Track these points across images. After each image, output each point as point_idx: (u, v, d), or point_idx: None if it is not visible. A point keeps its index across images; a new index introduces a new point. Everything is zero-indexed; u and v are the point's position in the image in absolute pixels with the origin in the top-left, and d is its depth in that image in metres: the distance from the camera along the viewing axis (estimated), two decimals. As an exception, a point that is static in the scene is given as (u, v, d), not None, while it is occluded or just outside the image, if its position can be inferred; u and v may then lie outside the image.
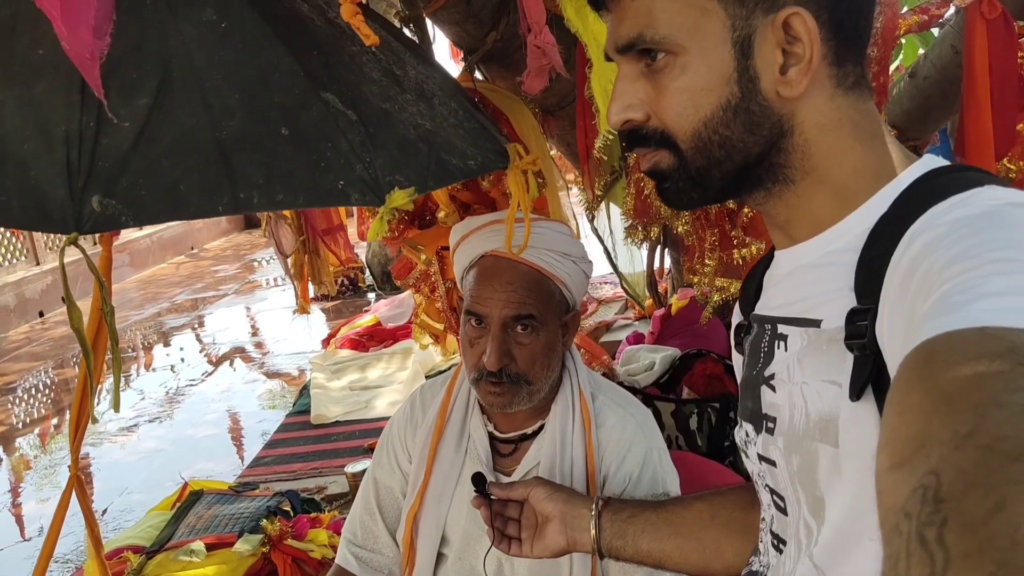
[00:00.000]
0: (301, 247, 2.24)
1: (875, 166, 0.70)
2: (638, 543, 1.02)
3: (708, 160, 0.70)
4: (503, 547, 1.12)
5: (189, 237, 11.27)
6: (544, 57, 1.33)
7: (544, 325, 1.25)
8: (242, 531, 2.36)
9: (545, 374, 1.27)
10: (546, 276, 1.27)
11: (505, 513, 1.13)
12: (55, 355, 6.59)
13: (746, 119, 0.69)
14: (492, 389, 1.25)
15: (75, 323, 0.91)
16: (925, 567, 0.33)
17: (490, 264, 1.28)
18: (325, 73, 1.17)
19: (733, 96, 0.68)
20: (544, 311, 1.25)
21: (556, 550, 1.08)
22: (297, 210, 2.30)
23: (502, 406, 1.27)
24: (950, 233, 0.55)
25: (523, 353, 1.24)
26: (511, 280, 1.24)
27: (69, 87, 1.04)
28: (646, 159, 0.74)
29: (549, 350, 1.27)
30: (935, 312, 0.48)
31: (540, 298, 1.26)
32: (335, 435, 4.17)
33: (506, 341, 1.24)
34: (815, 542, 0.71)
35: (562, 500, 1.08)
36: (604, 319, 3.95)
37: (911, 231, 0.60)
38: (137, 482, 3.99)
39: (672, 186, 0.74)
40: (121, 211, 0.96)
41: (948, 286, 0.50)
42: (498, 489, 1.13)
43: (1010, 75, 1.52)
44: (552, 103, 2.20)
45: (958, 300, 0.47)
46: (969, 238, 0.53)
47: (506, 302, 1.23)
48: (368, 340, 5.21)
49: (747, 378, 0.83)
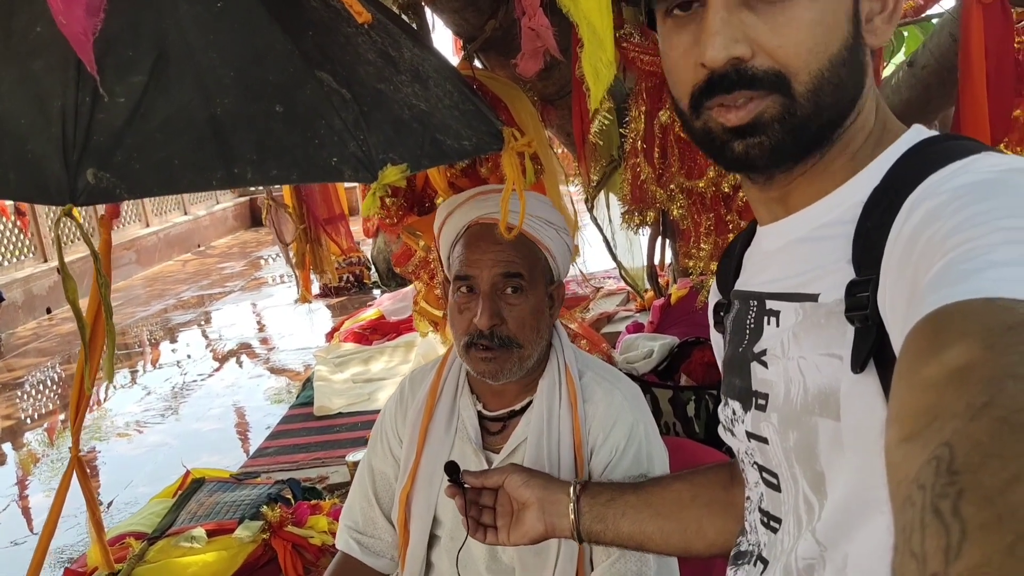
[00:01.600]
0: (302, 235, 2.26)
1: (878, 132, 0.70)
2: (618, 526, 1.02)
3: (817, 107, 0.65)
4: (479, 536, 1.11)
5: (196, 235, 11.32)
6: (538, 39, 1.33)
7: (532, 287, 1.27)
8: (243, 518, 2.38)
9: (534, 338, 1.28)
10: (532, 240, 1.29)
11: (480, 501, 1.12)
12: (62, 351, 6.63)
13: (854, 63, 0.66)
14: (483, 355, 1.26)
15: (70, 295, 0.93)
16: (940, 538, 0.32)
17: (477, 231, 1.30)
18: (320, 53, 1.19)
19: (850, 35, 0.65)
20: (531, 273, 1.28)
21: (535, 536, 1.07)
22: (298, 199, 2.31)
23: (493, 373, 1.27)
24: (952, 200, 0.54)
25: (513, 315, 1.26)
26: (498, 241, 1.26)
27: (66, 64, 1.05)
28: (747, 109, 0.66)
29: (538, 314, 1.28)
30: (941, 282, 0.48)
31: (528, 259, 1.28)
32: (338, 426, 4.19)
33: (496, 302, 1.25)
34: (818, 518, 0.70)
35: (539, 486, 1.07)
36: (606, 310, 3.96)
37: (910, 200, 0.60)
38: (142, 475, 4.02)
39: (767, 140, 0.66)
40: (115, 184, 0.98)
41: (953, 254, 0.49)
42: (472, 477, 1.12)
43: (1006, 60, 1.53)
44: (551, 92, 2.20)
45: (964, 269, 0.47)
46: (972, 205, 0.52)
47: (495, 261, 1.26)
48: (372, 333, 5.23)
49: (732, 356, 0.82)
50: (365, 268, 7.65)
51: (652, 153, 1.59)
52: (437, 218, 1.41)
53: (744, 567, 0.84)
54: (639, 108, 1.62)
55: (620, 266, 2.40)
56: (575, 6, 1.12)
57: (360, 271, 7.55)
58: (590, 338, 2.45)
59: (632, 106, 1.63)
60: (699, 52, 0.66)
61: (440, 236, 1.40)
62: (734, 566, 0.86)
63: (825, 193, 0.71)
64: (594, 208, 2.24)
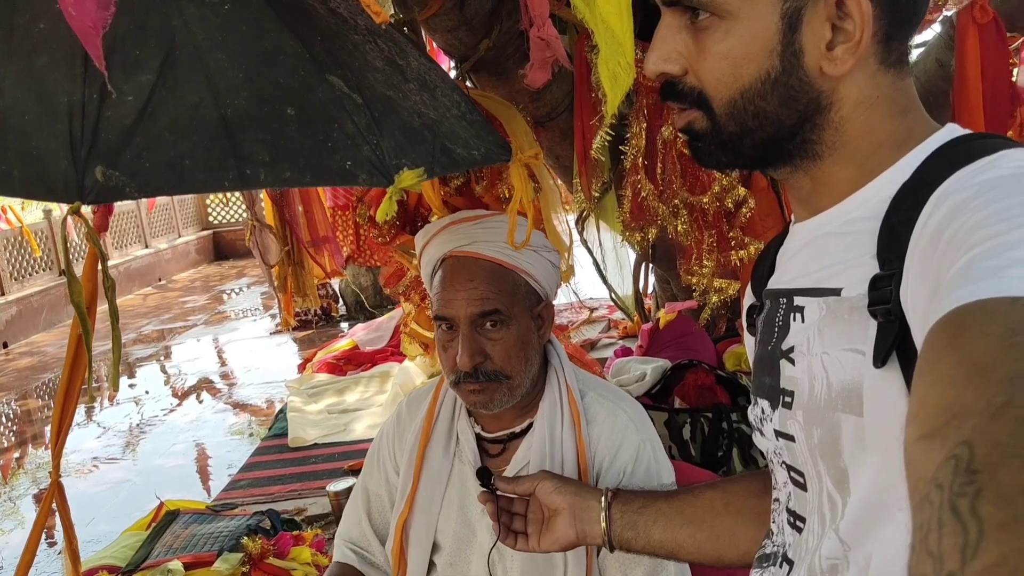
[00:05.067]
0: (286, 258, 2.21)
1: (902, 138, 0.69)
2: (650, 534, 1.00)
3: (741, 128, 0.69)
4: (509, 542, 1.09)
5: (157, 268, 11.12)
6: (548, 49, 1.33)
7: (513, 318, 1.24)
8: (221, 550, 2.29)
9: (523, 368, 1.25)
10: (508, 268, 1.25)
11: (511, 508, 1.11)
12: (19, 386, 6.42)
13: (784, 93, 0.67)
14: (471, 388, 1.23)
15: (75, 298, 0.88)
16: (958, 537, 0.32)
17: (451, 265, 1.27)
18: (329, 58, 1.17)
19: (773, 69, 0.66)
20: (511, 303, 1.24)
21: (565, 543, 1.06)
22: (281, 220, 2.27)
23: (484, 404, 1.24)
24: (978, 196, 0.54)
25: (496, 349, 1.23)
26: (471, 277, 1.23)
27: (71, 60, 1.02)
28: (680, 116, 0.73)
29: (523, 343, 1.25)
30: (964, 278, 0.47)
31: (504, 291, 1.24)
32: (314, 457, 4.10)
33: (476, 340, 1.22)
34: (841, 516, 0.69)
35: (571, 492, 1.06)
36: (588, 338, 3.94)
37: (937, 194, 0.59)
38: (104, 512, 3.88)
39: (704, 147, 0.73)
40: (125, 183, 0.94)
41: (977, 250, 0.49)
42: (503, 483, 1.10)
43: (1002, 79, 1.55)
44: (542, 114, 2.20)
45: (989, 266, 0.46)
46: (998, 201, 0.52)
47: (469, 300, 1.22)
48: (346, 364, 5.15)
49: (762, 354, 0.81)
50: (333, 301, 7.56)
51: (654, 169, 1.59)
52: (416, 245, 1.38)
53: (769, 569, 0.82)
54: (640, 125, 1.62)
55: (611, 289, 2.39)
56: (590, 10, 1.10)
57: (328, 304, 7.45)
58: (582, 360, 2.42)
59: (633, 123, 1.63)
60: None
61: (420, 265, 1.38)
62: (759, 568, 0.85)
63: (842, 198, 0.71)
64: (584, 231, 2.24)
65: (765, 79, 0.67)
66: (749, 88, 0.67)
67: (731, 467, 2.12)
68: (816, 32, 0.65)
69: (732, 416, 2.12)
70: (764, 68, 0.66)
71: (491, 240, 1.25)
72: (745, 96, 0.68)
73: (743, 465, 2.12)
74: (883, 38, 0.67)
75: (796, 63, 0.66)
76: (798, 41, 0.66)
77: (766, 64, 0.66)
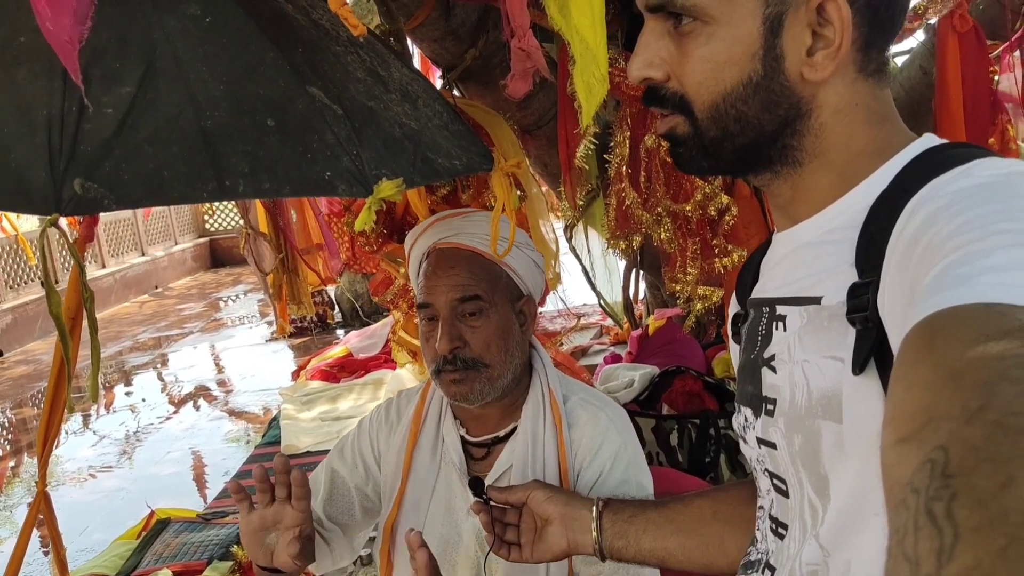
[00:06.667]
0: (280, 265, 2.21)
1: (880, 147, 0.70)
2: (640, 543, 1.01)
3: (722, 132, 0.70)
4: (502, 553, 1.10)
5: (153, 275, 11.10)
6: (529, 60, 1.33)
7: (493, 306, 1.25)
8: (211, 558, 2.29)
9: (502, 357, 1.26)
10: (490, 260, 1.28)
11: (504, 519, 1.11)
12: (13, 395, 6.41)
13: (765, 97, 0.68)
14: (451, 377, 1.24)
15: (54, 309, 0.88)
16: (933, 541, 0.32)
17: (436, 256, 1.29)
18: (310, 69, 1.17)
19: (755, 73, 0.68)
20: (491, 292, 1.26)
21: (557, 553, 1.06)
22: (275, 228, 2.27)
23: (464, 396, 1.25)
24: (953, 204, 0.55)
25: (476, 337, 1.24)
26: (453, 265, 1.25)
27: (51, 73, 1.03)
28: (663, 122, 0.74)
29: (503, 333, 1.26)
30: (939, 285, 0.48)
31: (485, 279, 1.26)
32: (306, 465, 4.08)
33: (456, 326, 1.24)
34: (821, 522, 0.70)
35: (562, 502, 1.06)
36: (580, 344, 3.95)
37: (912, 202, 0.60)
38: (98, 521, 3.87)
39: (685, 152, 0.74)
40: (103, 194, 0.95)
41: (951, 258, 0.49)
42: (497, 493, 1.11)
43: (982, 86, 1.56)
44: (529, 122, 2.21)
45: (962, 273, 0.47)
46: (973, 208, 0.52)
47: (450, 286, 1.24)
48: (339, 371, 5.14)
49: (745, 362, 0.82)
50: (328, 308, 7.56)
51: (638, 178, 1.60)
52: (406, 247, 1.40)
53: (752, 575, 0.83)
54: (623, 133, 1.63)
55: (600, 296, 2.40)
56: (566, 21, 1.11)
57: (323, 311, 7.45)
58: (570, 368, 2.43)
59: (617, 132, 1.64)
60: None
61: (409, 263, 1.39)
62: (743, 575, 0.85)
63: (823, 205, 0.72)
64: (572, 238, 2.24)
65: (747, 83, 0.68)
66: (731, 92, 0.68)
67: (719, 473, 2.13)
68: (797, 37, 0.67)
69: (720, 422, 2.12)
70: (746, 72, 0.68)
71: (474, 232, 1.28)
72: (727, 100, 0.69)
73: (731, 471, 2.12)
74: (862, 46, 0.68)
75: (777, 68, 0.67)
76: (779, 46, 0.67)
77: (748, 68, 0.67)
